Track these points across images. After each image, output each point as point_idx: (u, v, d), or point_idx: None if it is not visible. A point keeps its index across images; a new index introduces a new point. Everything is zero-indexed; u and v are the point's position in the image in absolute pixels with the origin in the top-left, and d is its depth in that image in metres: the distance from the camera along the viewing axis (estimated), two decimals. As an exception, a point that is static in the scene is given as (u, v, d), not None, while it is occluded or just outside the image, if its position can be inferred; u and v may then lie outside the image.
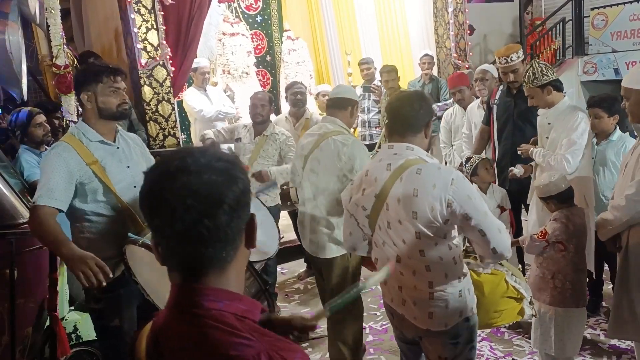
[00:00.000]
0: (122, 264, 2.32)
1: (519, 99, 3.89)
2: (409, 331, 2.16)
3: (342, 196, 2.31)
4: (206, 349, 0.95)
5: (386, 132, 2.18)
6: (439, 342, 2.08)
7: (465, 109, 4.60)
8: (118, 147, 2.47)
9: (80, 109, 2.58)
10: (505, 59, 3.87)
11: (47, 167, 2.31)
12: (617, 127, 3.66)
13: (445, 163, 4.94)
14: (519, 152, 3.55)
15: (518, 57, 3.84)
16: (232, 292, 1.02)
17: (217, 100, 5.69)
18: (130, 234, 2.28)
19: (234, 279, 1.03)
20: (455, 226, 2.02)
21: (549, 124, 3.39)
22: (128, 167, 2.47)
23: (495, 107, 4.12)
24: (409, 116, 2.07)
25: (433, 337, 2.07)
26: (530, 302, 2.54)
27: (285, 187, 4.05)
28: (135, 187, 2.45)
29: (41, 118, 3.85)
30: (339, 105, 3.08)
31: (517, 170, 3.59)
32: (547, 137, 3.44)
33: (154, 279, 2.19)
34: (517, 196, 3.83)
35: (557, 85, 3.41)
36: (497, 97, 4.15)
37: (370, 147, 5.87)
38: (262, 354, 0.93)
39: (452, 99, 5.41)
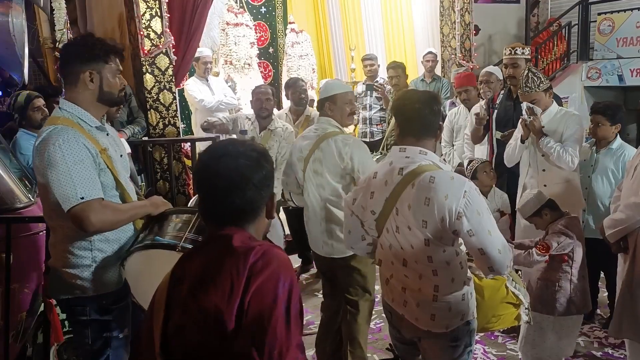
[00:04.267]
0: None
1: (520, 102, 3.88)
2: (407, 331, 2.16)
3: (346, 198, 2.28)
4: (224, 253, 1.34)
5: (399, 134, 2.08)
6: (438, 344, 2.08)
7: (470, 109, 4.57)
8: (108, 134, 2.22)
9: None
10: (510, 50, 3.90)
11: (74, 156, 1.95)
12: (618, 136, 3.65)
13: (444, 161, 4.93)
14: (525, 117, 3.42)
15: (523, 52, 3.86)
16: (252, 235, 1.39)
17: (219, 91, 5.66)
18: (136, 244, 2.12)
19: (252, 235, 1.40)
20: None
21: (544, 126, 3.40)
22: (121, 155, 2.26)
23: (495, 110, 4.13)
24: (428, 119, 2.03)
25: (433, 339, 2.07)
26: (527, 308, 2.55)
27: None
28: (129, 176, 2.29)
29: (40, 102, 3.82)
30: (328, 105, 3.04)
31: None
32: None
33: (149, 280, 2.13)
34: (513, 200, 3.83)
35: (552, 89, 3.49)
36: (498, 102, 4.16)
37: (371, 145, 5.86)
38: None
39: (454, 98, 5.40)
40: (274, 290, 1.26)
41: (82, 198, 1.92)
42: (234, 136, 4.40)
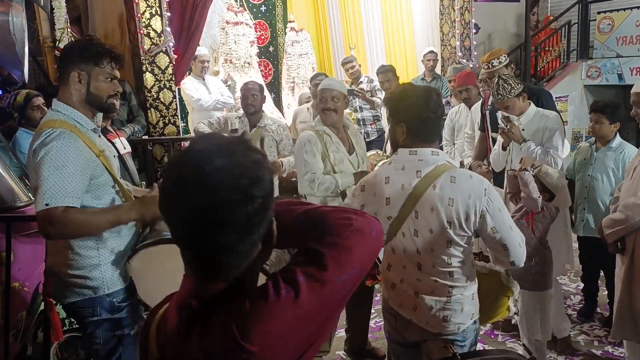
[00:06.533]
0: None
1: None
2: (413, 335, 2.13)
3: (349, 203, 2.19)
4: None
5: (408, 137, 2.01)
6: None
7: (471, 108, 4.58)
8: (100, 135, 2.22)
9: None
10: (486, 64, 3.92)
11: (57, 161, 1.93)
12: (617, 135, 3.66)
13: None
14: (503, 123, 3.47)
15: (499, 62, 3.87)
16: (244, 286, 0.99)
17: (215, 90, 5.64)
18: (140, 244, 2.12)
19: (241, 278, 1.00)
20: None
21: (523, 130, 3.42)
22: (114, 155, 2.27)
23: (488, 112, 4.14)
24: (440, 121, 2.04)
25: (441, 341, 2.05)
26: (516, 299, 2.58)
27: (294, 179, 4.05)
28: (120, 177, 2.27)
29: (39, 101, 3.82)
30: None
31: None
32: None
33: (153, 277, 2.13)
34: None
35: (526, 91, 3.48)
36: (489, 103, 4.16)
37: (368, 144, 5.87)
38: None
39: (449, 97, 5.44)
40: None
41: (47, 205, 1.89)
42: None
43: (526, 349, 3.12)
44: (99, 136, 2.20)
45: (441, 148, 4.82)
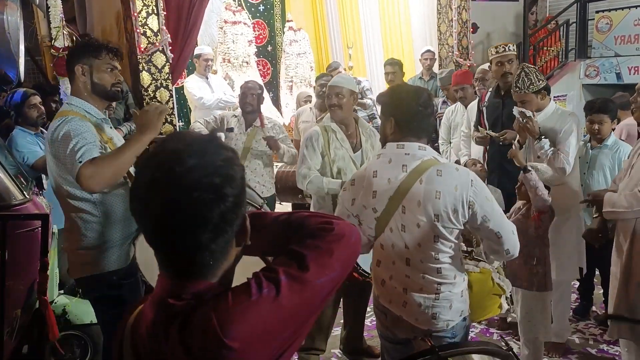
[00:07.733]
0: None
1: (508, 99, 3.85)
2: (403, 332, 2.13)
3: (341, 197, 2.21)
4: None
5: (396, 132, 2.05)
6: (437, 342, 2.06)
7: (467, 107, 4.58)
8: (111, 127, 2.46)
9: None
10: (502, 47, 3.92)
11: (76, 132, 2.14)
12: (612, 132, 3.65)
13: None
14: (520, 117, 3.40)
15: (512, 49, 3.91)
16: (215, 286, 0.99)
17: (218, 89, 5.67)
18: None
19: (219, 278, 1.00)
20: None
21: (539, 128, 3.39)
22: None
23: (485, 109, 4.13)
24: (426, 121, 2.05)
25: (431, 338, 2.06)
26: (507, 297, 2.57)
27: None
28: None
29: (36, 99, 3.83)
30: None
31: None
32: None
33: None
34: (506, 197, 3.82)
35: (548, 89, 3.42)
36: (486, 100, 4.15)
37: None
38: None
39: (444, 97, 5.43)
40: None
41: (80, 162, 2.11)
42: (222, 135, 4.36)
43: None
44: (111, 127, 2.44)
45: (437, 147, 4.84)
